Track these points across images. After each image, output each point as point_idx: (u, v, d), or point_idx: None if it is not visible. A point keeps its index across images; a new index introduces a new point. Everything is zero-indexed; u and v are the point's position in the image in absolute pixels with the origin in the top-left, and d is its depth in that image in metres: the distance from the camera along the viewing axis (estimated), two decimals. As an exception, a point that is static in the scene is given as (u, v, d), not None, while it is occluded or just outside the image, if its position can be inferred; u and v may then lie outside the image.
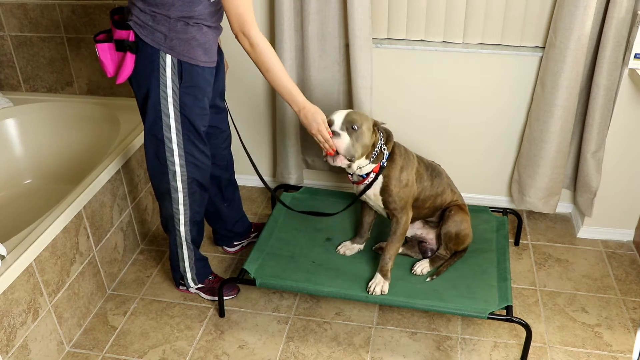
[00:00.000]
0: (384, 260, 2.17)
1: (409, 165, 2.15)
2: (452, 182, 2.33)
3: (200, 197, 2.20)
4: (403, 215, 2.15)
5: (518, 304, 2.36)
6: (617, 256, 2.61)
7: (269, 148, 3.00)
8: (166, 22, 1.85)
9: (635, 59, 2.27)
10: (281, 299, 2.39)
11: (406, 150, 2.19)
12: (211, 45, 1.96)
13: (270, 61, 1.91)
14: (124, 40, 1.89)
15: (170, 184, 2.11)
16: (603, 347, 2.16)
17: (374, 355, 2.14)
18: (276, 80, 1.94)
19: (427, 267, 2.26)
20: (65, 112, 2.91)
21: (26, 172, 2.93)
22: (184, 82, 1.93)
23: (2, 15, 2.84)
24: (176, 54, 1.89)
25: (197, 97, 1.98)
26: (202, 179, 2.16)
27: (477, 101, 2.64)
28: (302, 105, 1.97)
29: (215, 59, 2.01)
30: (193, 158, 2.08)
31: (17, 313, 1.89)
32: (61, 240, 2.09)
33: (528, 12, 2.43)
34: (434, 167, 2.27)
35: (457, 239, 2.25)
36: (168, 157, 2.05)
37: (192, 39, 1.89)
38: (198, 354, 2.16)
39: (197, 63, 1.93)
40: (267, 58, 1.90)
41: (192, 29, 1.88)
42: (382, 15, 2.55)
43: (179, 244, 2.26)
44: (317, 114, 1.97)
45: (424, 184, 2.20)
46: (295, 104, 1.98)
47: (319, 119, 1.97)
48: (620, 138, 2.47)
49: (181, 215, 2.18)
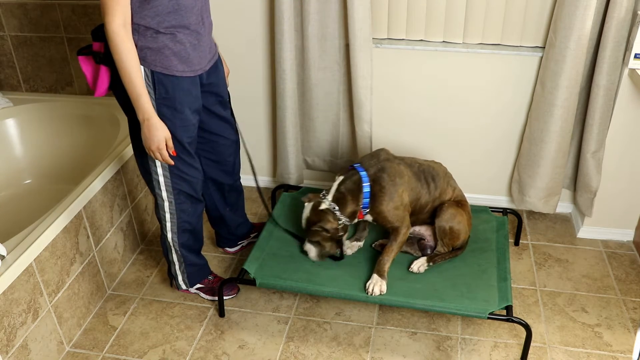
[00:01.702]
0: (381, 261, 2.17)
1: (396, 190, 2.13)
2: (453, 178, 2.33)
3: (191, 209, 2.16)
4: (402, 227, 2.17)
5: (518, 304, 2.36)
6: (617, 256, 2.61)
7: (269, 148, 3.00)
8: (135, 32, 1.78)
9: (635, 59, 2.27)
10: (281, 299, 2.39)
11: (392, 171, 2.14)
12: (189, 53, 1.87)
13: (123, 61, 1.74)
14: (98, 52, 1.84)
15: (156, 191, 2.09)
16: (603, 347, 2.16)
17: (374, 355, 2.14)
18: (127, 81, 1.78)
19: (424, 265, 2.25)
20: (65, 112, 2.91)
21: (26, 172, 2.93)
22: (159, 94, 1.85)
23: (2, 15, 2.84)
24: (148, 64, 1.81)
25: (175, 108, 1.90)
26: (190, 190, 2.11)
27: (477, 101, 2.64)
28: (149, 116, 1.82)
29: (198, 67, 1.93)
30: (178, 170, 2.03)
31: (17, 313, 1.89)
32: (61, 240, 2.09)
33: (528, 12, 2.43)
34: (428, 171, 2.23)
35: (451, 233, 2.24)
36: (151, 166, 2.02)
37: (164, 48, 1.82)
38: (198, 354, 2.16)
39: (173, 73, 1.85)
40: (119, 56, 1.74)
41: (164, 38, 1.81)
42: (382, 15, 2.55)
43: (168, 247, 2.25)
44: (162, 131, 1.84)
45: (419, 194, 2.20)
46: (141, 113, 1.81)
47: (161, 136, 1.84)
48: (620, 138, 2.47)
49: (168, 223, 2.16)
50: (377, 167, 2.15)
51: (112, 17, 1.70)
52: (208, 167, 2.27)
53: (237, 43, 2.71)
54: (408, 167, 2.20)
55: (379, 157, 2.19)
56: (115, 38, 1.72)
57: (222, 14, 2.62)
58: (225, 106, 2.19)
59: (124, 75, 1.77)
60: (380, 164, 2.16)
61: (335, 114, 2.74)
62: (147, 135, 1.84)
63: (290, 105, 2.68)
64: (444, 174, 2.28)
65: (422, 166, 2.24)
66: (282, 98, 2.66)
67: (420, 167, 2.23)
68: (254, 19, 2.64)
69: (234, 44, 2.71)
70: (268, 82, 2.80)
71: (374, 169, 2.15)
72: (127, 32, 1.74)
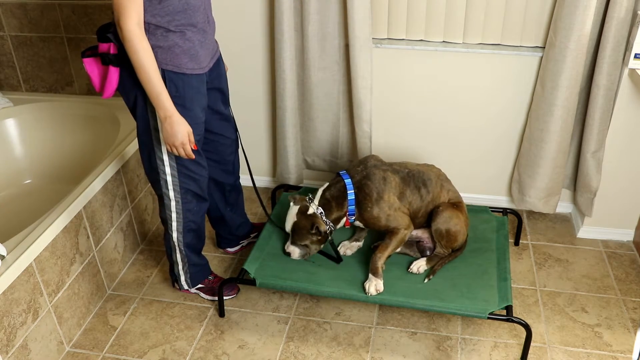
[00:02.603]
0: (373, 260, 2.18)
1: (381, 197, 2.15)
2: (448, 180, 2.32)
3: (196, 208, 2.17)
4: (399, 228, 2.18)
5: (518, 304, 2.36)
6: (617, 256, 2.61)
7: (269, 148, 3.00)
8: (145, 31, 1.78)
9: (635, 59, 2.27)
10: (281, 299, 2.39)
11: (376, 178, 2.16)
12: (197, 50, 1.89)
13: (140, 60, 1.75)
14: (107, 54, 1.84)
15: (162, 191, 2.09)
16: (603, 347, 2.16)
17: (374, 355, 2.14)
18: (145, 80, 1.78)
19: (423, 266, 2.25)
20: (65, 112, 2.91)
21: (26, 172, 2.93)
22: (170, 92, 1.85)
23: (2, 15, 2.84)
24: (158, 63, 1.82)
25: (185, 106, 1.91)
26: (197, 189, 2.12)
27: (477, 101, 2.64)
28: (170, 113, 1.83)
29: (205, 65, 1.95)
30: (186, 169, 2.04)
31: (17, 313, 1.89)
32: (61, 240, 2.09)
33: (528, 12, 2.43)
34: (418, 175, 2.23)
35: (448, 235, 2.24)
36: (159, 166, 2.03)
37: (175, 46, 1.83)
38: (198, 354, 2.16)
39: (183, 71, 1.87)
40: (136, 56, 1.74)
41: (174, 36, 1.82)
42: (382, 15, 2.55)
43: (173, 247, 2.26)
44: (184, 126, 1.86)
45: (410, 199, 2.21)
46: (163, 110, 1.83)
47: (184, 131, 1.86)
48: (620, 138, 2.47)
49: (174, 222, 2.16)
50: (362, 174, 2.18)
51: (127, 17, 1.70)
52: (209, 167, 2.27)
53: (237, 43, 2.71)
54: (396, 173, 2.21)
55: (366, 164, 2.23)
56: (132, 38, 1.72)
57: (222, 14, 2.62)
58: (226, 104, 2.20)
59: (142, 75, 1.77)
60: (366, 170, 2.19)
61: (335, 114, 2.74)
62: (170, 132, 1.85)
63: (290, 105, 2.68)
64: (436, 177, 2.27)
65: (411, 172, 2.23)
66: (282, 98, 2.66)
67: (410, 172, 2.23)
68: (254, 19, 2.64)
69: (234, 44, 2.71)
70: (268, 82, 2.80)
71: (359, 176, 2.19)
72: (143, 32, 1.75)
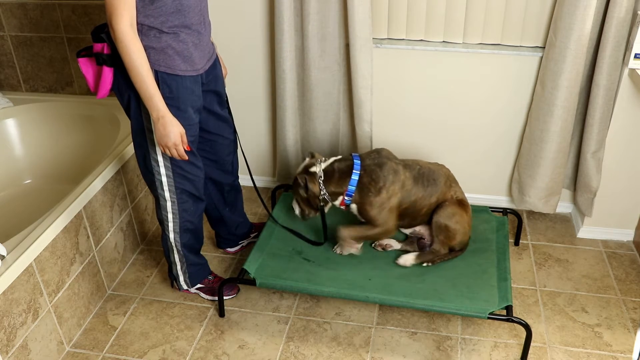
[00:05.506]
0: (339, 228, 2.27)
1: (386, 187, 2.15)
2: (456, 182, 2.31)
3: (193, 208, 2.17)
4: (380, 228, 2.20)
5: (518, 304, 2.36)
6: (617, 256, 2.61)
7: (269, 148, 3.00)
8: (138, 32, 1.77)
9: (635, 59, 2.27)
10: (281, 299, 2.39)
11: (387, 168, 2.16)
12: (191, 52, 1.88)
13: (132, 61, 1.74)
14: (101, 54, 1.84)
15: (158, 192, 2.09)
16: (603, 347, 2.16)
17: (374, 355, 2.14)
18: (138, 81, 1.77)
19: (410, 260, 2.27)
20: (65, 112, 2.91)
21: (26, 172, 2.93)
22: (163, 94, 1.84)
23: (2, 15, 2.84)
24: (151, 64, 1.81)
25: (179, 108, 1.90)
26: (193, 190, 2.12)
27: (477, 101, 2.64)
28: (163, 114, 1.82)
29: (199, 67, 1.93)
30: (181, 170, 2.04)
31: (17, 313, 1.89)
32: (61, 240, 2.09)
33: (528, 12, 2.43)
34: (428, 174, 2.23)
35: (447, 231, 2.24)
36: (154, 167, 2.02)
37: (168, 48, 1.82)
38: (198, 354, 2.16)
39: (176, 72, 1.86)
40: (128, 57, 1.73)
41: (167, 37, 1.81)
42: (382, 15, 2.55)
43: (170, 248, 2.25)
44: (177, 127, 1.85)
45: (415, 196, 2.20)
46: (155, 111, 1.82)
47: (177, 132, 1.85)
48: (620, 138, 2.47)
49: (170, 223, 2.16)
50: (375, 161, 2.19)
51: (119, 17, 1.69)
52: (207, 167, 2.27)
53: (237, 43, 2.71)
54: (407, 169, 2.20)
55: (379, 153, 2.23)
56: (124, 38, 1.71)
57: (222, 14, 2.62)
58: (223, 105, 2.19)
59: (135, 76, 1.77)
60: (379, 158, 2.20)
61: (335, 114, 2.74)
62: (163, 132, 1.84)
63: (290, 105, 2.68)
64: (445, 177, 2.27)
65: (422, 169, 2.23)
66: (282, 98, 2.66)
67: (421, 169, 2.23)
68: (254, 19, 2.64)
69: (233, 44, 2.71)
70: (268, 82, 2.80)
71: (370, 161, 2.19)
72: (135, 33, 1.74)
